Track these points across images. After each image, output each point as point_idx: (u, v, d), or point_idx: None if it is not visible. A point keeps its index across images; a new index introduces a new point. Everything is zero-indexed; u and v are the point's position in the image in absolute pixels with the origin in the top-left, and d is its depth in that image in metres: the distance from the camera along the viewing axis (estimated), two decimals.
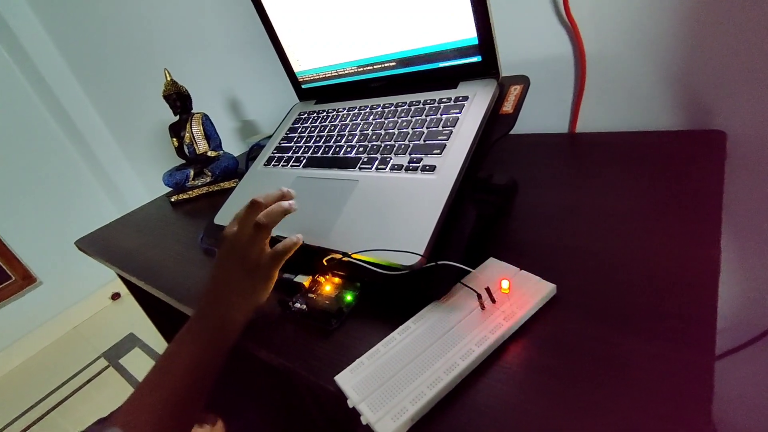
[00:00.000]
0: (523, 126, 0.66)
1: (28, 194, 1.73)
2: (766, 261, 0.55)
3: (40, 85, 1.63)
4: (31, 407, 1.54)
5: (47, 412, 1.50)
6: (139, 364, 1.60)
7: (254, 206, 0.41)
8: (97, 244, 0.78)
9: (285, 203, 0.42)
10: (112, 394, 1.50)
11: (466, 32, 0.45)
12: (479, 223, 0.43)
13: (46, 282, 1.83)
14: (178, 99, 0.84)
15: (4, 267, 1.71)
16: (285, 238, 0.47)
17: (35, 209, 1.76)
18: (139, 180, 1.85)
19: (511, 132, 0.55)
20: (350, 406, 0.30)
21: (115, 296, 2.03)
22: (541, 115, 0.65)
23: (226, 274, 0.41)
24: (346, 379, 0.32)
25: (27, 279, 1.78)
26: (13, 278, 1.74)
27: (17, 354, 1.80)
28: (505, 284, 0.34)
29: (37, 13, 1.52)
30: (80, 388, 1.58)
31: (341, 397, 0.31)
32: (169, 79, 0.83)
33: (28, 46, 1.53)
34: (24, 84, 1.66)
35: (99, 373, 1.62)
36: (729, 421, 0.69)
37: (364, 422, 0.29)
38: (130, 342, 1.74)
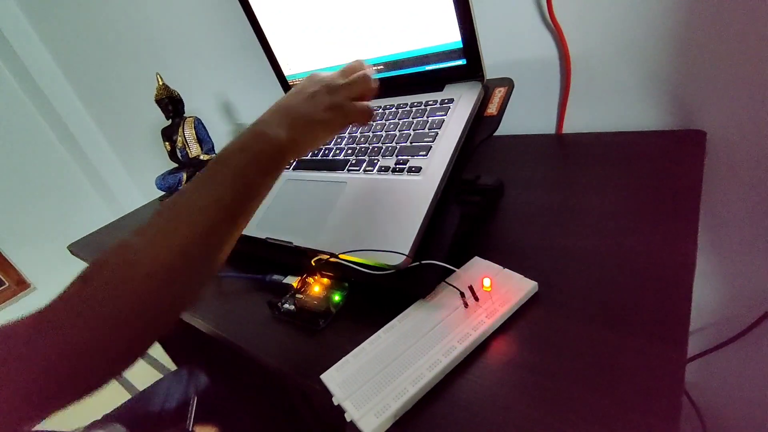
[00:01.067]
0: (512, 127, 0.67)
1: (22, 199, 1.73)
2: (746, 256, 0.56)
3: (33, 89, 1.62)
4: None
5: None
6: (137, 370, 1.58)
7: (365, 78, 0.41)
8: (90, 249, 0.78)
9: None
10: (106, 399, 1.49)
11: (452, 36, 0.46)
12: (464, 223, 0.44)
13: (41, 287, 1.82)
14: (170, 103, 0.84)
15: None
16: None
17: (29, 214, 1.75)
18: (133, 183, 1.85)
19: (500, 133, 0.56)
20: (335, 403, 0.31)
21: None
22: (529, 117, 0.66)
23: (310, 97, 0.39)
24: (331, 377, 0.33)
25: (21, 284, 1.77)
26: (7, 284, 1.73)
27: None
28: (487, 282, 0.35)
29: (29, 17, 1.52)
30: None
31: (329, 396, 0.32)
32: (160, 83, 0.83)
33: (19, 49, 1.53)
34: (16, 88, 1.66)
35: None
36: (718, 415, 0.70)
37: (348, 419, 0.29)
38: None
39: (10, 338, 0.26)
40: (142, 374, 1.56)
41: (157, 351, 1.65)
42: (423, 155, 0.44)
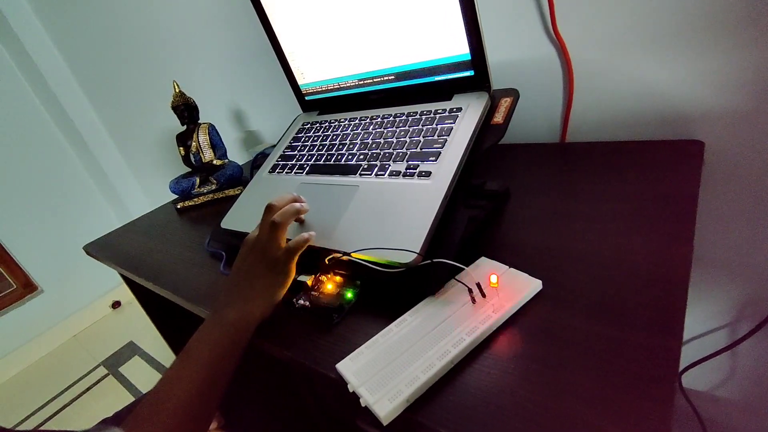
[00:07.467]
0: (517, 136, 0.69)
1: (31, 202, 1.76)
2: (742, 264, 0.57)
3: (45, 94, 1.66)
4: (31, 415, 1.55)
5: (46, 420, 1.50)
6: (139, 373, 1.61)
7: (270, 209, 0.45)
8: (106, 249, 0.80)
9: (297, 204, 0.46)
10: (111, 402, 1.51)
11: (460, 48, 0.48)
12: (472, 224, 0.46)
13: (47, 290, 1.84)
14: (186, 110, 0.87)
15: (5, 274, 1.72)
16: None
17: (37, 217, 1.78)
18: (140, 188, 1.88)
19: (507, 142, 0.58)
20: (350, 390, 0.33)
21: (116, 305, 2.05)
22: (534, 126, 0.68)
23: (246, 271, 0.44)
24: (346, 367, 0.34)
25: (28, 287, 1.79)
26: (15, 286, 1.75)
27: (17, 362, 1.81)
28: (494, 279, 0.37)
29: (44, 22, 1.55)
30: (80, 396, 1.58)
31: (339, 390, 0.34)
32: (177, 90, 0.86)
33: (33, 54, 1.56)
34: (29, 92, 1.69)
35: (98, 382, 1.62)
36: (720, 422, 0.71)
37: (363, 404, 0.31)
38: (130, 350, 1.74)
39: None
40: (147, 377, 1.57)
41: (161, 353, 1.67)
42: (432, 161, 0.47)
